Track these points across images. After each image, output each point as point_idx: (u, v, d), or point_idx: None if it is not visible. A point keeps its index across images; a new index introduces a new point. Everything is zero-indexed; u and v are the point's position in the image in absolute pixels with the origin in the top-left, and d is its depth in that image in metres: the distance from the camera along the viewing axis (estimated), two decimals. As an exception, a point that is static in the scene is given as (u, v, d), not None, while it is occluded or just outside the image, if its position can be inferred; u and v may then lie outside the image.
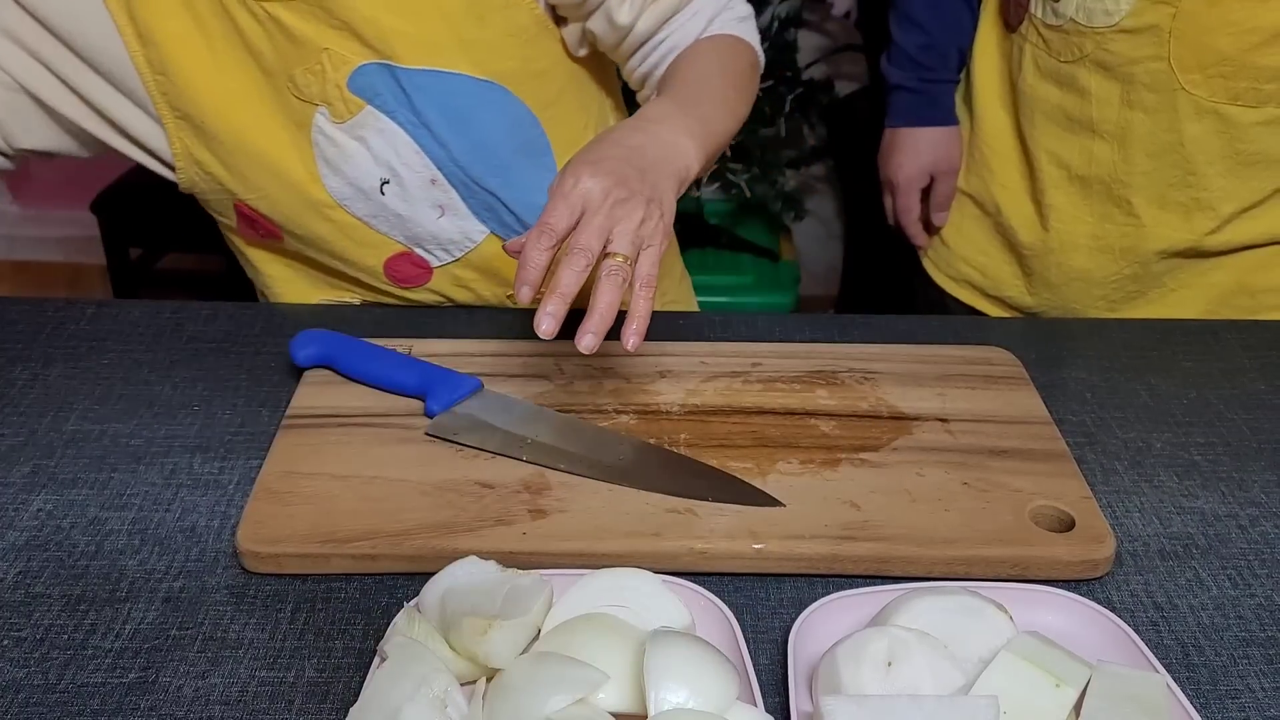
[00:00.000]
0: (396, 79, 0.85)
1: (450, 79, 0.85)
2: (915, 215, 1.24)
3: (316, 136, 0.88)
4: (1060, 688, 0.56)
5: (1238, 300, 1.09)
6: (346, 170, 0.89)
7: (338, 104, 0.86)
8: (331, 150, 0.88)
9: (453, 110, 0.87)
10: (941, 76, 1.18)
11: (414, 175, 0.89)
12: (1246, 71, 0.96)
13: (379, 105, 0.86)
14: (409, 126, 0.87)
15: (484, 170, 0.90)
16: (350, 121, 0.86)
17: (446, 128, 0.87)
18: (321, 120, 0.87)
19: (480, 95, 0.87)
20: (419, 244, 0.95)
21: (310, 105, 0.86)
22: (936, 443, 0.79)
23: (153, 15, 0.83)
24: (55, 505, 0.75)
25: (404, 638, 0.60)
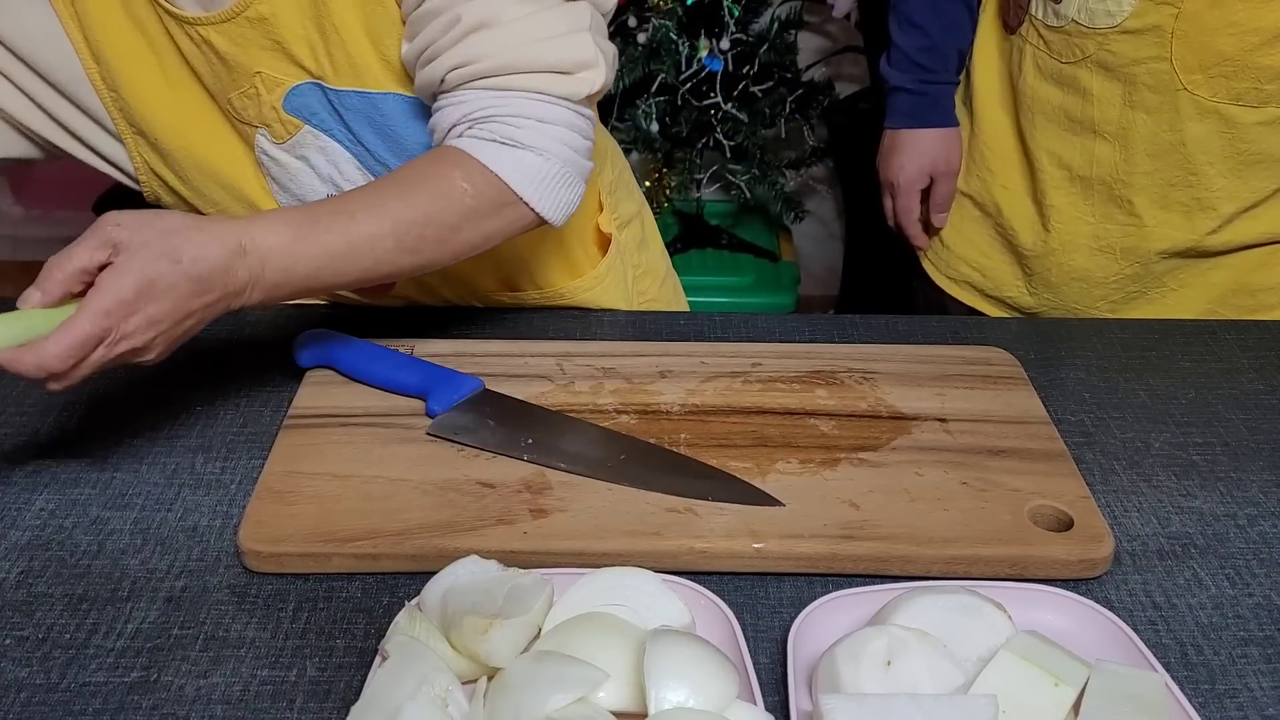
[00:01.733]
0: (329, 99, 0.84)
1: (377, 99, 0.84)
2: (915, 216, 1.24)
3: (260, 156, 0.88)
4: (1059, 687, 0.56)
5: (1238, 299, 1.09)
6: (294, 188, 0.89)
7: (276, 125, 0.85)
8: (277, 169, 0.88)
9: (384, 128, 0.85)
10: (941, 78, 1.18)
11: None
12: (1248, 72, 0.96)
13: (316, 124, 0.85)
14: (347, 144, 0.86)
15: None
16: (290, 141, 0.86)
17: (380, 144, 0.86)
18: (263, 141, 0.87)
19: (410, 112, 0.85)
20: None
21: (251, 127, 0.86)
22: (935, 442, 0.79)
23: (105, 34, 0.82)
24: (58, 505, 0.75)
25: (405, 637, 0.60)
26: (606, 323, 0.97)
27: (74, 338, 0.64)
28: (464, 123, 0.77)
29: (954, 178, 1.20)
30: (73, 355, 0.64)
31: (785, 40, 2.15)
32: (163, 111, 0.86)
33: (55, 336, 0.64)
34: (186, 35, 0.82)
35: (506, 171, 0.76)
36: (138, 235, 0.66)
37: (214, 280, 0.68)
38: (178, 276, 0.66)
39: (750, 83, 2.12)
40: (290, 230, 0.71)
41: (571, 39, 0.77)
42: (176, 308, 0.67)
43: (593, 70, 0.78)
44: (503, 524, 0.71)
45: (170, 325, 0.67)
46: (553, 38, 0.76)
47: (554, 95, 0.77)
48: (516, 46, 0.76)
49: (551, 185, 0.78)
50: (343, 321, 0.94)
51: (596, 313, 1.00)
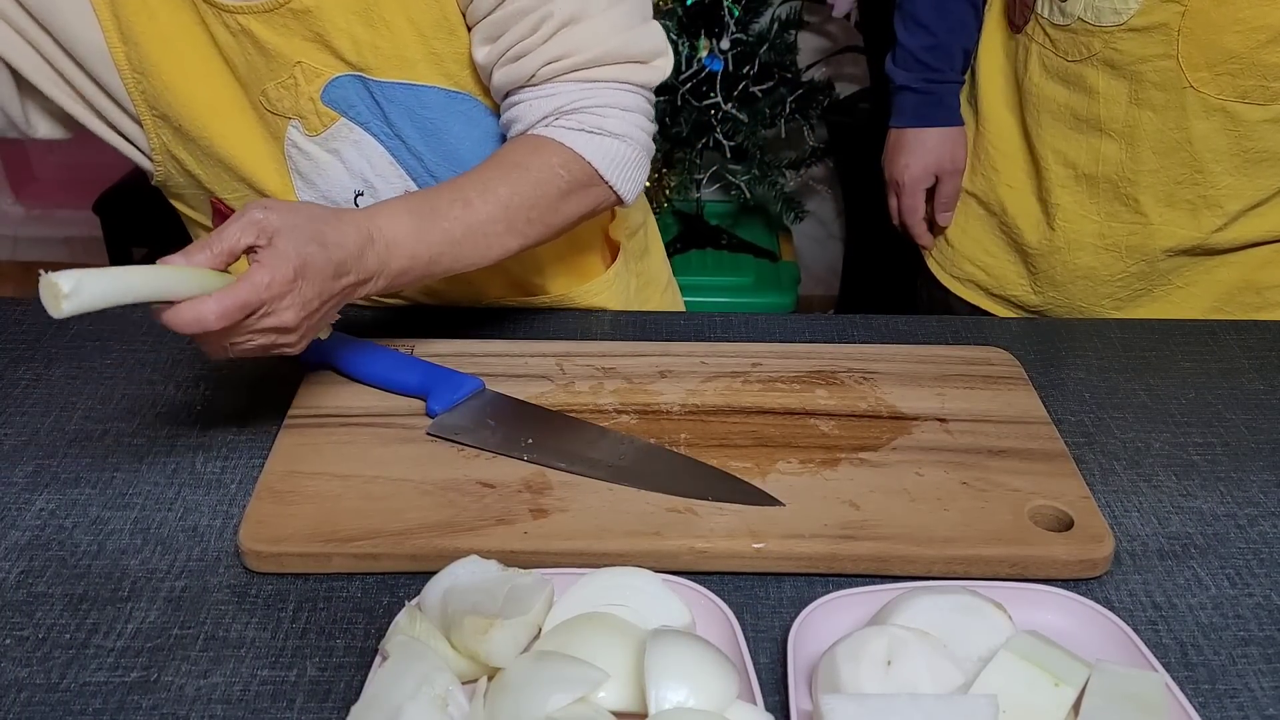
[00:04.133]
0: (369, 91, 0.84)
1: (422, 91, 0.85)
2: (920, 216, 1.24)
3: (289, 150, 0.88)
4: (1059, 687, 0.56)
5: (1244, 297, 1.09)
6: (320, 183, 0.89)
7: (311, 117, 0.85)
8: (305, 163, 0.88)
9: (425, 121, 0.86)
10: (946, 77, 1.18)
11: (388, 186, 0.89)
12: (1254, 69, 0.96)
13: (353, 117, 0.86)
14: (383, 138, 0.87)
15: None
16: (324, 134, 0.86)
17: (419, 139, 0.87)
18: (295, 134, 0.87)
19: (451, 107, 0.86)
20: None
21: (283, 119, 0.86)
22: (935, 442, 0.79)
23: (137, 17, 0.82)
24: (58, 505, 0.75)
25: (405, 637, 0.60)
26: (606, 323, 0.97)
27: (234, 300, 0.65)
28: (553, 115, 0.82)
29: (959, 176, 1.20)
30: (229, 317, 0.65)
31: (785, 40, 2.15)
32: (190, 99, 0.85)
33: (216, 296, 0.65)
34: (224, 24, 0.82)
35: (596, 157, 0.81)
36: (288, 219, 0.68)
37: (350, 265, 0.71)
38: (324, 260, 0.69)
39: (750, 83, 2.12)
40: (413, 219, 0.75)
41: (646, 29, 0.83)
42: (322, 290, 0.70)
43: (664, 58, 0.84)
44: (503, 524, 0.71)
45: (316, 307, 0.70)
46: (632, 28, 0.81)
47: (635, 84, 0.83)
48: (606, 39, 0.80)
49: (630, 168, 0.84)
50: (343, 322, 0.94)
51: (596, 313, 1.00)
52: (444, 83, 0.85)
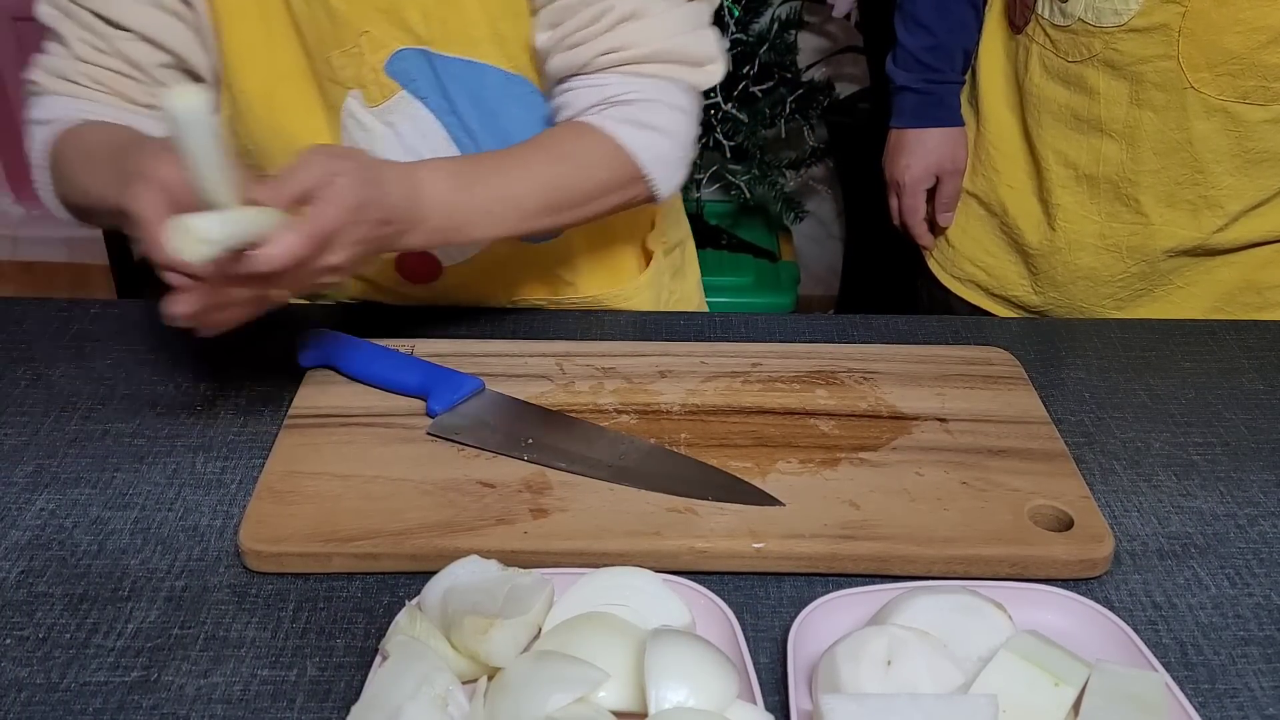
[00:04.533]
0: (433, 65, 0.86)
1: (483, 70, 0.86)
2: (921, 216, 1.24)
3: (346, 120, 0.88)
4: (1059, 686, 0.56)
5: (1245, 297, 1.09)
6: None
7: (372, 87, 0.87)
8: (360, 135, 0.89)
9: (483, 101, 0.88)
10: (947, 78, 1.18)
11: None
12: (1255, 70, 0.96)
13: (413, 90, 0.87)
14: (440, 114, 0.88)
15: None
16: (383, 106, 0.87)
17: (476, 117, 0.88)
18: (353, 104, 0.88)
19: (509, 89, 0.88)
20: None
21: (343, 89, 0.87)
22: (935, 442, 0.79)
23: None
24: (58, 505, 0.75)
25: (405, 636, 0.60)
26: (606, 323, 0.97)
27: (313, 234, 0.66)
28: (602, 104, 0.83)
29: (960, 177, 1.20)
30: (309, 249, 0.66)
31: (785, 40, 2.15)
32: (254, 64, 0.86)
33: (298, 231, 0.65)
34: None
35: (639, 150, 0.83)
36: (345, 163, 0.69)
37: (397, 213, 0.73)
38: (378, 204, 0.71)
39: (750, 83, 2.12)
40: (452, 180, 0.77)
41: (702, 34, 0.85)
42: (370, 233, 0.71)
43: (717, 64, 0.86)
44: (503, 524, 0.71)
45: (364, 249, 0.71)
46: (688, 32, 0.84)
47: (686, 84, 0.85)
48: (662, 37, 0.83)
49: (671, 165, 0.86)
50: (343, 321, 0.94)
51: (597, 313, 1.00)
52: (505, 64, 0.87)
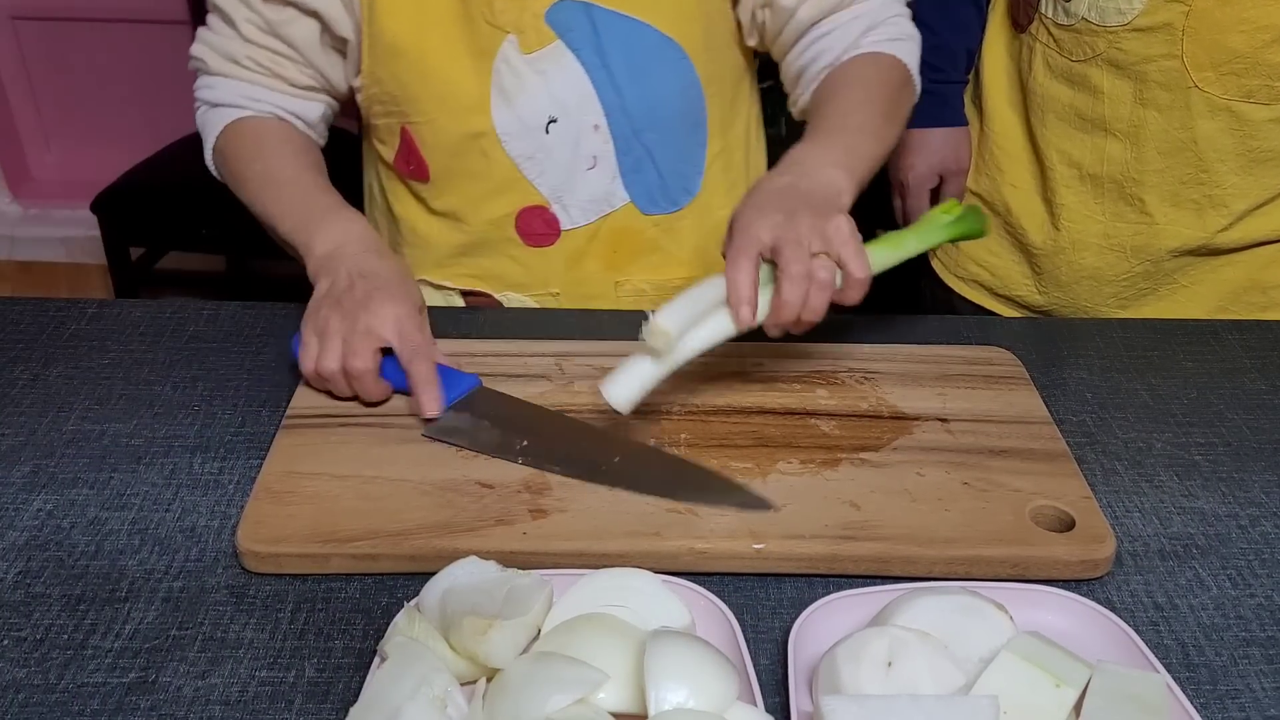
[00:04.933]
0: (591, 18, 0.89)
1: (640, 27, 0.90)
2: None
3: (499, 65, 0.91)
4: (1060, 687, 0.56)
5: (1250, 297, 1.09)
6: (519, 102, 0.92)
7: (530, 34, 0.89)
8: (510, 80, 0.91)
9: (636, 57, 0.91)
10: (950, 78, 1.18)
11: (581, 118, 0.93)
12: (1259, 69, 0.96)
13: (569, 41, 0.90)
14: (590, 68, 0.91)
15: (648, 123, 0.94)
16: (537, 53, 0.90)
17: (626, 73, 0.91)
18: (509, 49, 0.90)
19: (662, 51, 0.92)
20: (559, 198, 0.97)
21: (500, 33, 0.90)
22: (936, 443, 0.79)
23: None
24: (55, 505, 0.75)
25: (404, 637, 0.60)
26: (607, 323, 0.97)
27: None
28: (864, 33, 0.92)
29: (964, 177, 1.20)
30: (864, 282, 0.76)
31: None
32: (404, 9, 0.89)
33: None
34: None
35: (906, 56, 0.93)
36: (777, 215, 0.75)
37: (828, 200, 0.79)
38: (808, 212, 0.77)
39: (750, 82, 2.12)
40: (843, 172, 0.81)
41: None
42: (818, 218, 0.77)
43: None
44: (502, 524, 0.70)
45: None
46: None
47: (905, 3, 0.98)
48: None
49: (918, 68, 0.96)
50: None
51: (596, 313, 1.00)
52: (661, 25, 0.91)
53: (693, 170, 1.00)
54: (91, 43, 2.63)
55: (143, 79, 2.64)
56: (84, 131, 2.77)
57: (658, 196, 0.99)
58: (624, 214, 0.98)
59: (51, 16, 2.61)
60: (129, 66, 2.64)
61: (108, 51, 2.63)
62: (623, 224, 0.99)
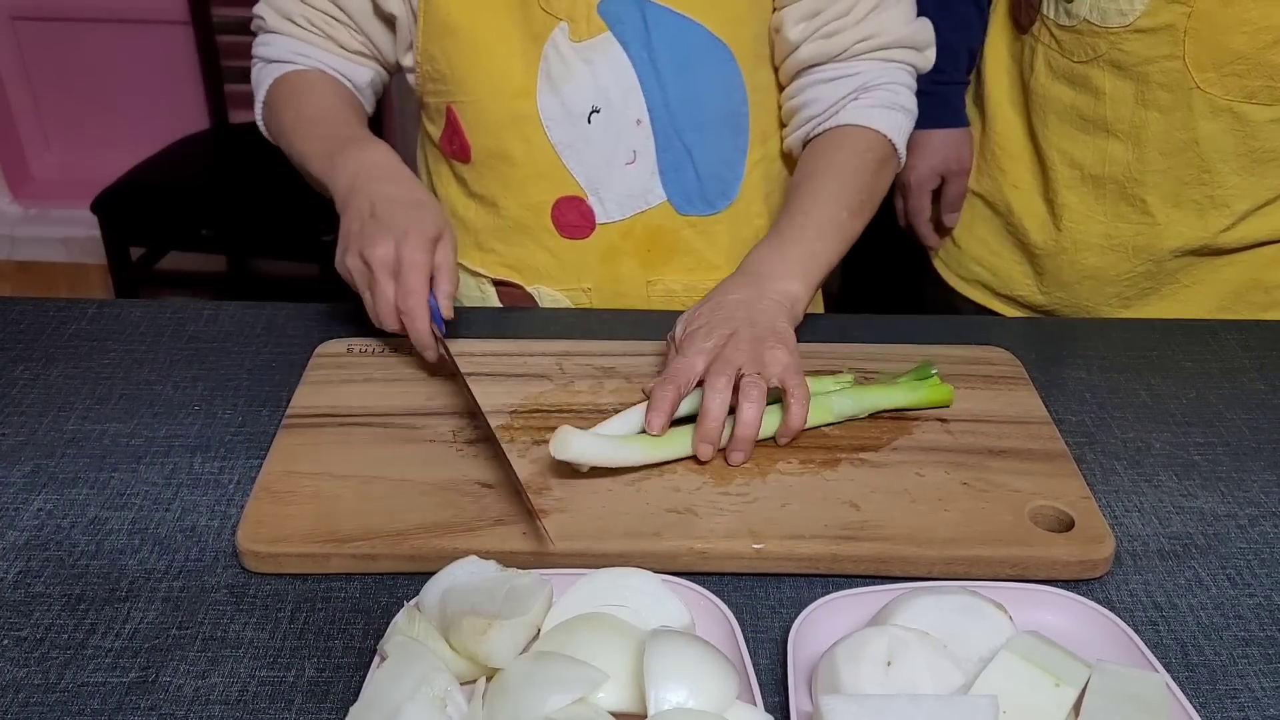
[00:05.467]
0: (643, 12, 0.90)
1: (691, 26, 0.90)
2: (926, 216, 1.24)
3: (548, 50, 0.92)
4: (1060, 687, 0.56)
5: (1252, 296, 1.09)
6: (564, 89, 0.93)
7: (581, 23, 0.90)
8: (558, 67, 0.92)
9: (683, 55, 0.92)
10: (952, 78, 1.18)
11: (624, 111, 0.94)
12: (1261, 70, 0.96)
13: (618, 34, 0.91)
14: (637, 62, 0.92)
15: (689, 123, 0.95)
16: (587, 42, 0.91)
17: (672, 69, 0.92)
18: (559, 35, 0.91)
19: (710, 51, 0.92)
20: (596, 190, 0.98)
21: (553, 19, 0.91)
22: (936, 443, 0.79)
23: None
24: (55, 505, 0.75)
25: (404, 637, 0.60)
26: (607, 323, 0.97)
27: None
28: (856, 92, 0.93)
29: (965, 177, 1.20)
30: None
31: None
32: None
33: None
34: None
35: (891, 130, 0.93)
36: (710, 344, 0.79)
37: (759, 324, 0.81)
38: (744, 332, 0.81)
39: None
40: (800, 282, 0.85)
41: (922, 22, 0.96)
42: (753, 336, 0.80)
43: (933, 49, 0.98)
44: (502, 524, 0.70)
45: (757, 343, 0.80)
46: (914, 20, 0.95)
47: (913, 68, 0.97)
48: (902, 25, 0.94)
49: (907, 138, 0.96)
50: (348, 320, 0.94)
51: (596, 312, 1.00)
52: (712, 26, 0.92)
53: (731, 175, 0.99)
54: (91, 43, 2.63)
55: (143, 79, 2.64)
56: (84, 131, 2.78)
57: (694, 198, 0.99)
58: (660, 212, 0.99)
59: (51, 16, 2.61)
60: (129, 66, 2.64)
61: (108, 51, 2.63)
62: (658, 222, 0.99)
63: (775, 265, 0.85)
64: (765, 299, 0.82)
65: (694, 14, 0.91)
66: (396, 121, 2.43)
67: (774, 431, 0.77)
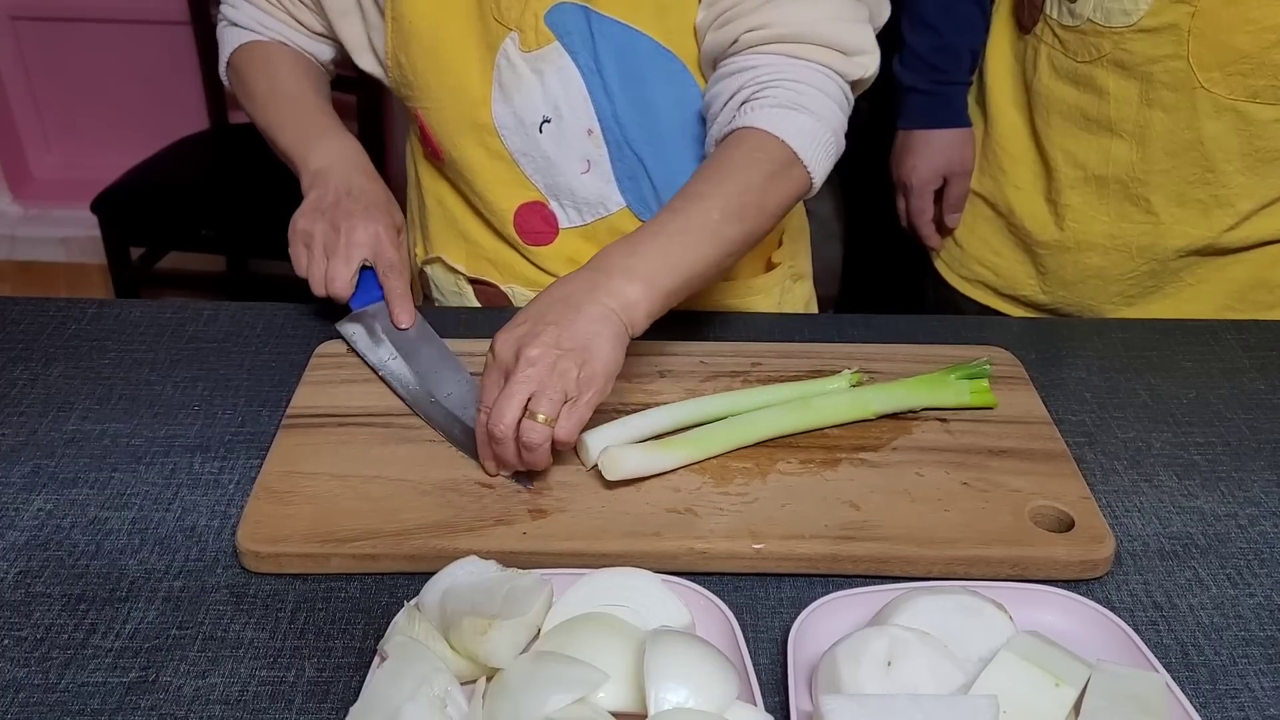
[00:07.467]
0: (589, 22, 0.88)
1: (636, 36, 0.88)
2: (929, 217, 1.24)
3: (500, 60, 0.91)
4: (1060, 687, 0.56)
5: (1256, 295, 1.09)
6: (516, 99, 0.92)
7: (530, 33, 0.89)
8: (509, 76, 0.92)
9: (630, 66, 0.90)
10: (954, 79, 1.18)
11: (574, 121, 0.92)
12: (1265, 69, 0.96)
13: (566, 44, 0.89)
14: (585, 72, 0.90)
15: (640, 135, 0.93)
16: (535, 53, 0.90)
17: (619, 80, 0.90)
18: (510, 45, 0.90)
19: (658, 61, 0.90)
20: (556, 196, 0.97)
21: (504, 29, 0.90)
22: (936, 443, 0.79)
23: None
24: (55, 505, 0.75)
25: (404, 637, 0.60)
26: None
27: None
28: (750, 86, 0.82)
29: (968, 178, 1.20)
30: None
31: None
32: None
33: None
34: None
35: (790, 135, 0.81)
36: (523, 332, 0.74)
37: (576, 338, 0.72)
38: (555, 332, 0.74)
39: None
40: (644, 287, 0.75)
41: (853, 25, 0.85)
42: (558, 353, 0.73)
43: (867, 56, 0.85)
44: (502, 524, 0.70)
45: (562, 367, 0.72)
46: (836, 19, 0.84)
47: (834, 70, 0.84)
48: (809, 19, 0.83)
49: (822, 148, 0.83)
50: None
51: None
52: (659, 36, 0.89)
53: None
54: (91, 43, 2.63)
55: (143, 79, 2.64)
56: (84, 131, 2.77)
57: (653, 205, 0.97)
58: (620, 218, 0.97)
59: (51, 16, 2.61)
60: (129, 66, 2.63)
61: (108, 51, 2.63)
62: (620, 228, 0.98)
63: (621, 263, 0.75)
64: (595, 304, 0.73)
65: (640, 24, 0.88)
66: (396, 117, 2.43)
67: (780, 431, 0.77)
